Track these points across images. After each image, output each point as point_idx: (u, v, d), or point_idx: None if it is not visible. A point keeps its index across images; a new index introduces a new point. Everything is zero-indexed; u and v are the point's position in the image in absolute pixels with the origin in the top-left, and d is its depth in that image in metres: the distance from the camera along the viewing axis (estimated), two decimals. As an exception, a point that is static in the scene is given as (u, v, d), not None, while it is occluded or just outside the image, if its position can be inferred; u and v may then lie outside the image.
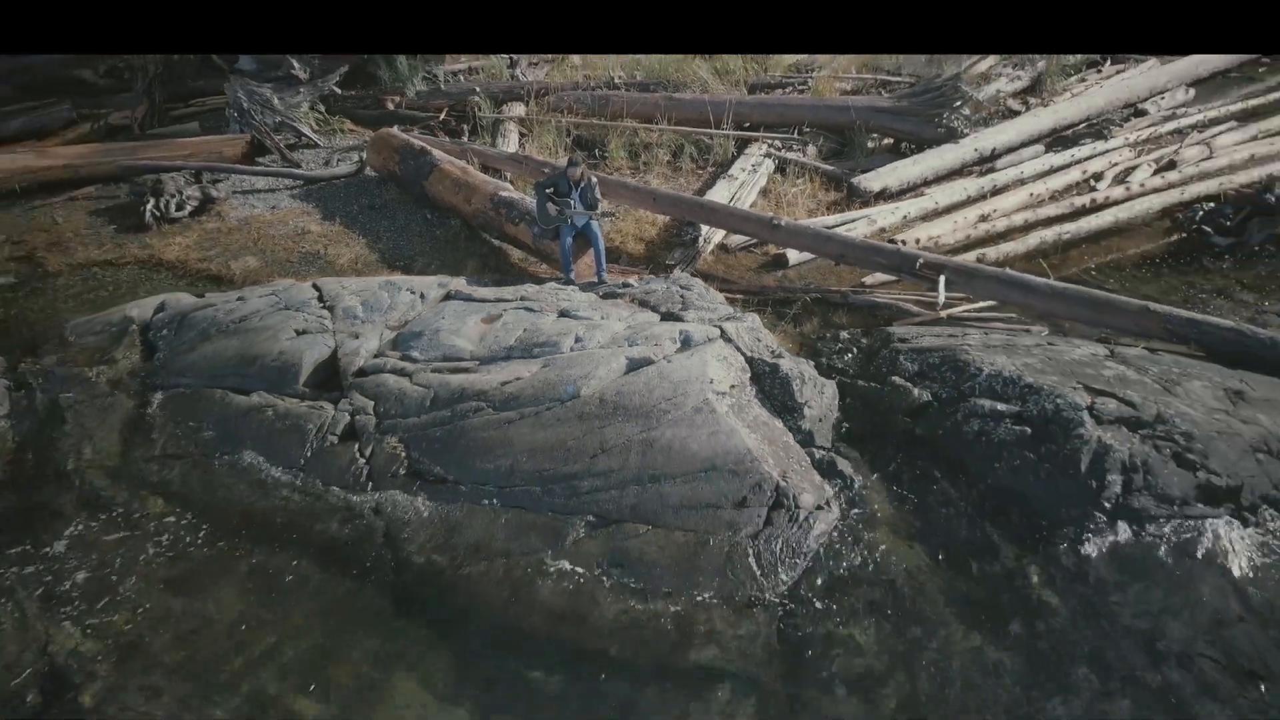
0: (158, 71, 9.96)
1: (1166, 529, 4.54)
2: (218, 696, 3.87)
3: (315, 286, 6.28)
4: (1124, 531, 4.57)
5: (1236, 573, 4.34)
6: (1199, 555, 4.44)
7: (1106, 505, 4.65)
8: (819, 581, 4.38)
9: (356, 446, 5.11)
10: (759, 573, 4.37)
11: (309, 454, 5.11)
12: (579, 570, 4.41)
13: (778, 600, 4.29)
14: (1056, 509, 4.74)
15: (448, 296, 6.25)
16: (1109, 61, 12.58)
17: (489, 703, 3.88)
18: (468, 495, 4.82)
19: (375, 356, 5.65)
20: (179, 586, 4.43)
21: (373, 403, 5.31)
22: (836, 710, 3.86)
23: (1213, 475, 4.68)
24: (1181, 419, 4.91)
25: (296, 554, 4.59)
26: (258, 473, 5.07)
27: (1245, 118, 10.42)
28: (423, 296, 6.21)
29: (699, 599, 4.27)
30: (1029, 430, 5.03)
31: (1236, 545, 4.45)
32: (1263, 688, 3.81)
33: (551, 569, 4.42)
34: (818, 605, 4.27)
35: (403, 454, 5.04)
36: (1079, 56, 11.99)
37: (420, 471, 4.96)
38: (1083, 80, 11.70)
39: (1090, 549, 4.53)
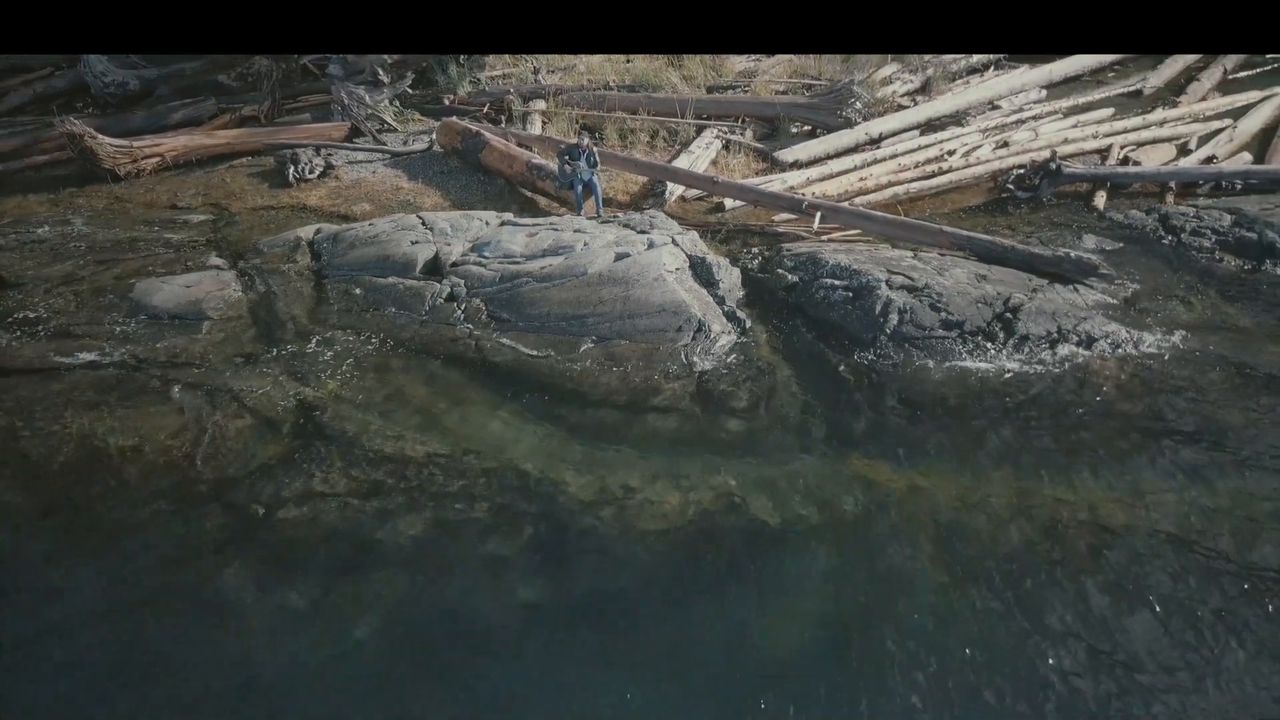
0: (278, 76, 12.94)
1: (915, 342, 7.62)
2: (394, 418, 6.90)
3: (419, 216, 9.32)
4: (894, 345, 7.65)
5: (947, 362, 7.44)
6: (932, 355, 7.53)
7: (887, 331, 7.72)
8: (720, 367, 7.45)
9: (455, 304, 8.16)
10: (686, 362, 7.44)
11: (427, 308, 8.17)
12: (587, 363, 7.48)
13: (697, 375, 7.36)
14: (860, 335, 7.81)
15: (502, 224, 9.28)
16: (993, 68, 15.52)
17: (538, 426, 6.87)
18: (523, 328, 7.88)
19: (462, 256, 8.69)
20: (361, 371, 7.47)
21: (463, 281, 8.36)
22: (725, 424, 6.92)
23: (950, 315, 7.74)
24: (939, 287, 7.98)
25: (427, 357, 7.65)
26: (397, 318, 8.13)
27: (1072, 112, 13.38)
28: (487, 223, 9.24)
29: (653, 374, 7.34)
30: (850, 294, 8.09)
31: (953, 348, 7.54)
32: (947, 422, 6.92)
33: (573, 362, 7.49)
34: (718, 377, 7.34)
35: (483, 307, 8.10)
36: (963, 64, 14.92)
37: (494, 316, 8.03)
38: (965, 83, 14.64)
39: (874, 355, 7.61)
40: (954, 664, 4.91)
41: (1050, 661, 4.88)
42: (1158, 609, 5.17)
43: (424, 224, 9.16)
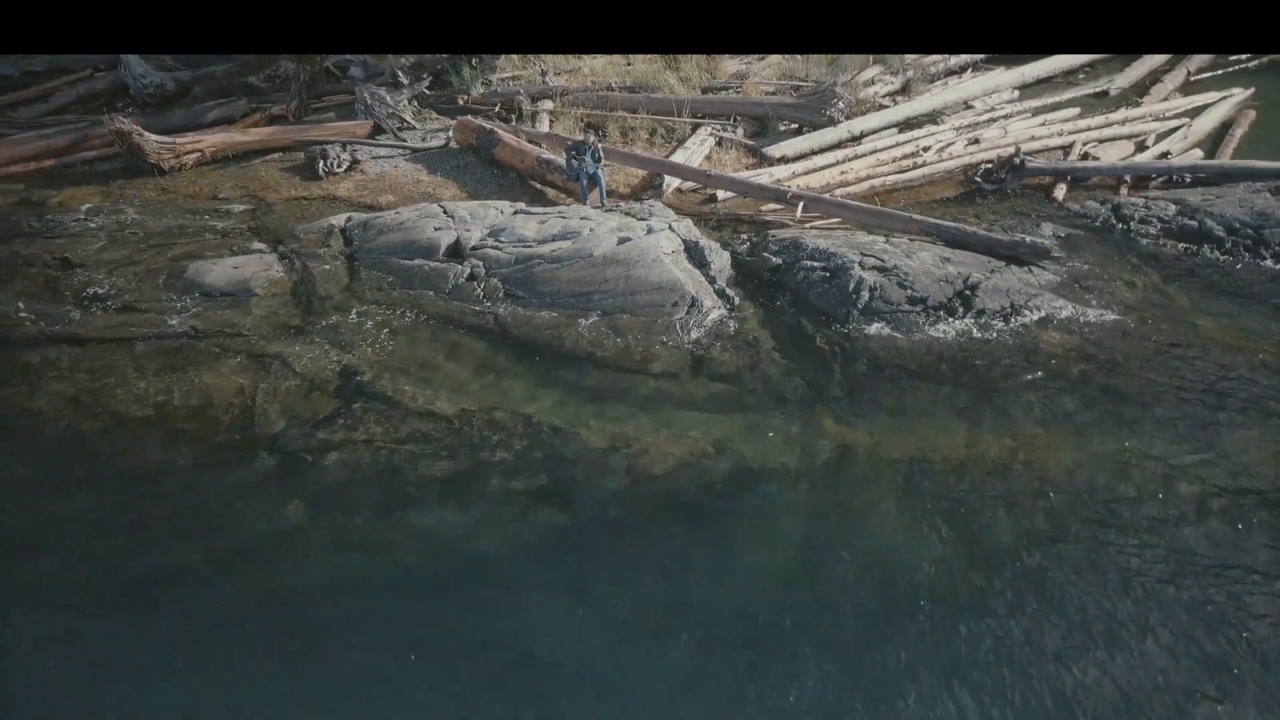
0: (304, 79, 13.76)
1: (884, 315, 8.47)
2: (425, 380, 7.74)
3: (441, 206, 10.16)
4: (865, 318, 8.50)
5: (912, 333, 8.29)
6: (899, 327, 8.38)
7: (859, 307, 8.56)
8: (711, 338, 8.30)
9: (475, 283, 9.00)
10: (681, 333, 8.29)
11: (450, 287, 9.00)
12: (593, 334, 8.33)
13: (690, 344, 8.20)
14: (835, 310, 8.65)
15: (516, 212, 10.12)
16: (970, 70, 16.32)
17: (551, 387, 7.70)
18: (536, 304, 8.73)
19: (480, 241, 9.53)
20: (394, 340, 8.31)
21: (482, 262, 9.20)
22: (715, 385, 7.77)
23: (915, 292, 8.59)
24: (906, 267, 8.83)
25: (451, 329, 8.49)
26: (424, 295, 8.96)
27: (1040, 111, 14.20)
28: (502, 212, 10.08)
29: (652, 343, 8.19)
30: (828, 274, 8.94)
31: (917, 321, 8.39)
32: (912, 378, 7.77)
33: (581, 333, 8.33)
34: (709, 346, 8.20)
35: (500, 286, 8.94)
36: (941, 67, 15.73)
37: (510, 293, 8.87)
38: (944, 84, 15.45)
39: (848, 327, 8.46)
40: (908, 579, 5.78)
41: (985, 574, 5.75)
42: (1083, 534, 6.04)
43: (445, 212, 9.99)
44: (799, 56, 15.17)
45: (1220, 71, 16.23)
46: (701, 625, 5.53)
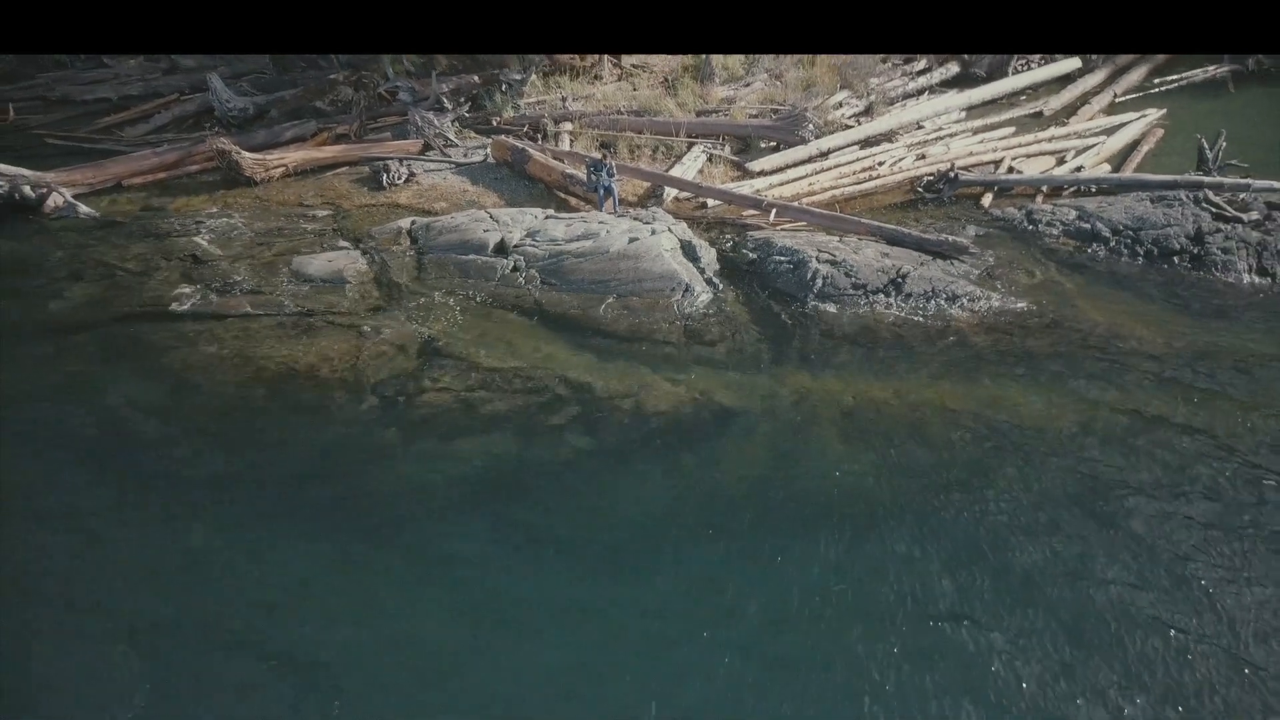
0: (364, 103, 15.93)
1: (833, 299, 10.65)
2: (484, 345, 9.93)
3: (487, 212, 12.34)
4: (819, 300, 10.66)
5: (854, 311, 10.48)
6: (845, 306, 10.56)
7: (814, 291, 10.73)
8: (700, 314, 10.49)
9: (518, 273, 11.18)
10: (677, 311, 10.47)
11: (498, 276, 11.18)
12: (609, 310, 10.50)
13: (683, 319, 10.38)
14: (796, 294, 10.81)
15: (547, 218, 12.30)
16: (926, 93, 18.42)
17: (578, 350, 9.89)
18: (565, 289, 10.90)
19: (520, 240, 11.71)
20: (458, 316, 10.49)
21: (522, 257, 11.38)
22: (702, 349, 9.95)
23: (858, 280, 10.76)
24: (852, 261, 11.00)
25: (501, 308, 10.65)
26: (478, 283, 11.12)
27: (980, 130, 16.31)
28: (536, 217, 12.26)
29: (655, 319, 10.37)
30: (791, 266, 11.11)
31: (859, 301, 10.58)
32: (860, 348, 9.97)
33: (600, 311, 10.52)
34: (699, 320, 10.38)
35: (537, 275, 11.13)
36: (900, 91, 17.84)
37: (545, 281, 11.05)
38: (902, 106, 17.56)
39: (805, 307, 10.63)
40: (843, 484, 7.91)
41: (899, 480, 7.93)
42: (971, 450, 8.23)
43: (491, 217, 12.17)
44: (779, 83, 17.28)
45: (1142, 94, 18.25)
46: (691, 510, 7.70)
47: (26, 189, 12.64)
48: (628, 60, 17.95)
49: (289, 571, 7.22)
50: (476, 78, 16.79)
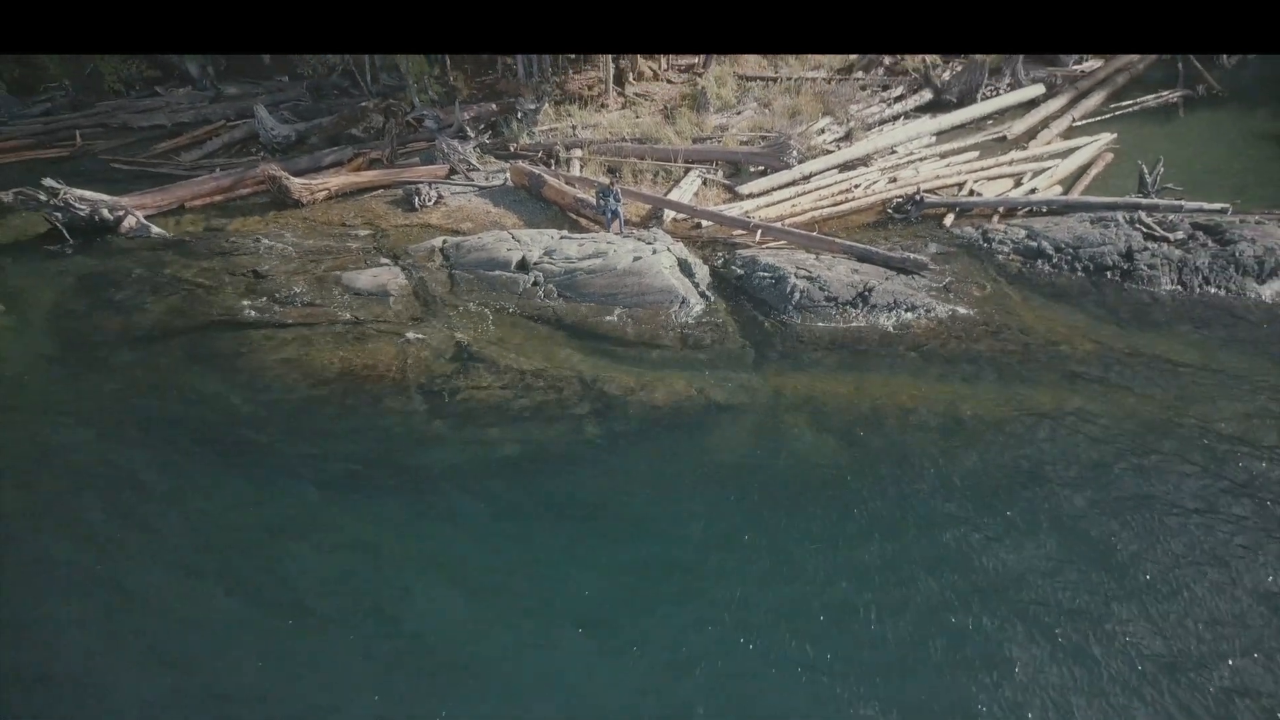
0: (395, 131, 17.49)
1: (809, 309, 12.21)
2: (511, 349, 11.49)
3: (510, 232, 13.90)
4: (797, 311, 12.20)
5: (827, 321, 12.04)
6: (819, 316, 12.11)
7: (793, 303, 12.28)
8: (695, 323, 12.04)
9: (538, 287, 12.73)
10: (675, 321, 12.04)
11: (521, 290, 12.74)
12: (618, 319, 12.06)
13: (680, 327, 11.94)
14: (777, 305, 12.36)
15: (562, 237, 13.85)
16: (902, 119, 19.94)
17: (590, 354, 11.45)
18: (579, 301, 12.45)
19: (539, 258, 13.26)
20: (488, 325, 12.05)
21: (541, 273, 12.93)
22: (696, 353, 11.51)
23: (831, 293, 12.31)
24: (826, 277, 12.56)
25: (524, 318, 12.21)
26: (503, 296, 12.68)
27: (947, 154, 17.83)
28: (552, 237, 13.82)
29: (657, 327, 11.92)
30: (773, 281, 12.66)
31: (831, 313, 12.13)
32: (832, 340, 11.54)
33: (609, 320, 12.07)
34: (694, 329, 11.93)
35: (554, 289, 12.68)
36: (877, 117, 19.37)
37: (562, 294, 12.61)
38: (879, 131, 19.08)
39: (785, 317, 12.17)
40: (813, 466, 9.47)
41: (862, 463, 9.49)
42: (924, 436, 9.78)
43: (513, 237, 13.73)
44: (768, 110, 18.84)
45: (1098, 119, 19.72)
46: (687, 483, 9.26)
47: (105, 212, 14.19)
48: (631, 89, 19.51)
49: (359, 536, 8.77)
50: (494, 106, 18.36)
